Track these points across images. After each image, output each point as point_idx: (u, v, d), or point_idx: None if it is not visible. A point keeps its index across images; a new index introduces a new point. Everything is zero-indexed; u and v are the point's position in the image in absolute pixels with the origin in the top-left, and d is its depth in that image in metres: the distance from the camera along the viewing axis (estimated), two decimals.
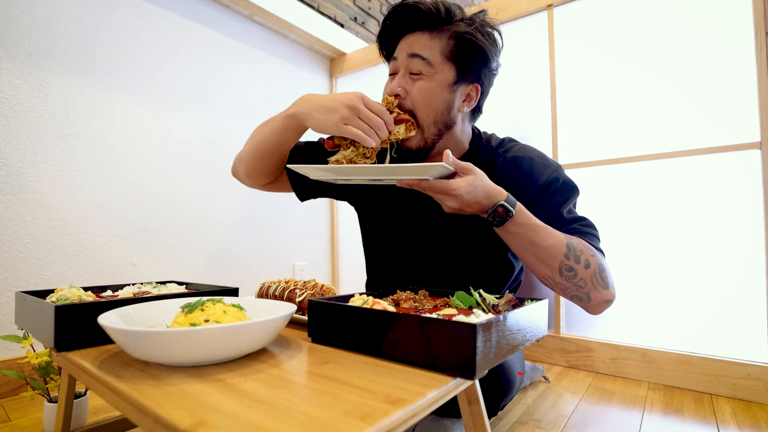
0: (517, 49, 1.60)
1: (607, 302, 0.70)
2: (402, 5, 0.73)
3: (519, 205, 0.65)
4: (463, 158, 0.82)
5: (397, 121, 0.68)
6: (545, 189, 0.76)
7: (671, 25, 1.30)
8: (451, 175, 0.59)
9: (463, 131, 0.82)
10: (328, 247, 2.18)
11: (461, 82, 0.75)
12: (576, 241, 0.68)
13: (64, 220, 1.25)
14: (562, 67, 1.49)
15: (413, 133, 0.71)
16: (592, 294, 0.68)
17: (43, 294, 0.61)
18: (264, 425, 0.29)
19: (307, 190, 0.94)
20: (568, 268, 0.66)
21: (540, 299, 0.54)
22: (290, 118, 0.73)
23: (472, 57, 0.73)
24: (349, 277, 2.16)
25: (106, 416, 0.85)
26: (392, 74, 0.77)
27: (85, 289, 0.65)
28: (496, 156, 0.82)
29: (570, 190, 0.77)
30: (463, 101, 0.78)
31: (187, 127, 1.58)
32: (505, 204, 0.63)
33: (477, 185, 0.60)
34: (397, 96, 0.73)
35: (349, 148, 0.68)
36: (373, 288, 0.90)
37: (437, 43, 0.71)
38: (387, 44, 0.80)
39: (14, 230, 1.16)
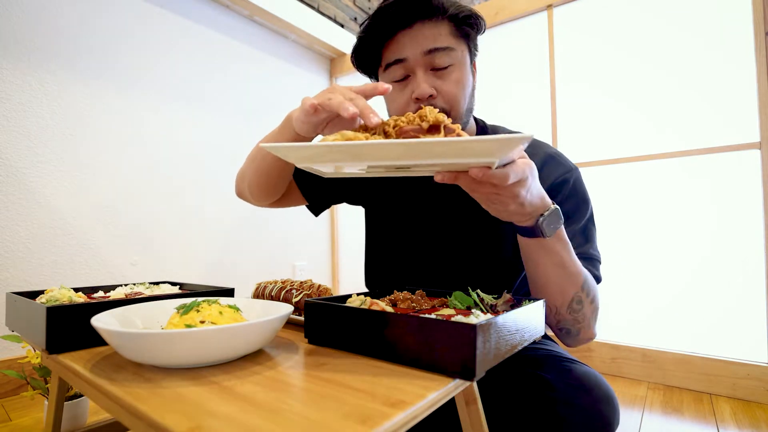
0: (517, 49, 1.60)
1: (589, 341, 0.67)
2: (400, 2, 0.64)
3: None
4: None
5: (449, 130, 0.48)
6: (552, 191, 0.68)
7: (671, 25, 1.30)
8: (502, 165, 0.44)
9: (471, 114, 0.75)
10: (328, 247, 2.18)
11: (472, 58, 0.70)
12: (587, 271, 0.62)
13: (64, 220, 1.24)
14: (561, 67, 1.49)
15: None
16: (583, 332, 0.64)
17: (33, 295, 0.60)
18: (261, 429, 0.28)
19: (321, 200, 0.87)
20: (578, 300, 0.60)
21: (537, 299, 0.54)
22: (284, 124, 0.65)
23: (474, 26, 0.68)
24: (349, 277, 2.15)
25: (107, 416, 0.84)
26: (399, 80, 0.67)
27: (76, 290, 0.64)
28: None
29: (582, 202, 0.69)
30: (474, 78, 0.72)
31: (187, 126, 1.57)
32: (558, 208, 0.54)
33: (535, 176, 0.48)
34: (429, 97, 0.64)
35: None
36: (373, 286, 0.88)
37: (444, 28, 0.66)
38: (371, 50, 0.70)
39: (14, 230, 1.15)
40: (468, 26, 0.67)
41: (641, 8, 1.35)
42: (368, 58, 0.71)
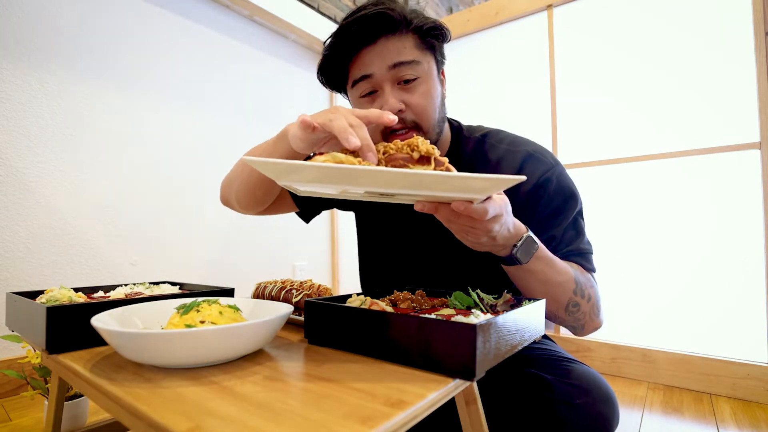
0: (517, 49, 1.60)
1: (596, 329, 0.68)
2: (361, 19, 0.63)
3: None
4: (447, 154, 0.73)
5: (439, 163, 0.47)
6: (535, 192, 0.67)
7: (671, 25, 1.30)
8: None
9: (445, 122, 0.74)
10: (328, 248, 2.18)
11: (439, 67, 0.70)
12: (579, 273, 0.63)
13: (64, 220, 1.24)
14: (561, 67, 1.49)
15: None
16: (587, 325, 0.65)
17: (33, 295, 0.60)
18: (261, 429, 0.28)
19: (311, 208, 0.88)
20: (574, 304, 0.62)
21: (537, 299, 0.54)
22: (279, 138, 0.62)
23: (439, 37, 0.67)
24: (349, 277, 2.15)
25: (107, 416, 0.84)
26: (366, 95, 0.67)
27: (76, 290, 0.64)
28: (482, 148, 0.72)
29: (569, 197, 0.68)
30: (443, 87, 0.72)
31: (187, 126, 1.57)
32: (531, 235, 0.55)
33: (509, 212, 0.50)
34: (398, 111, 0.64)
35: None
36: (368, 290, 0.88)
37: (408, 41, 0.65)
38: (337, 67, 0.69)
39: (14, 230, 1.15)
40: (433, 37, 0.66)
41: (641, 8, 1.35)
42: (335, 75, 0.71)
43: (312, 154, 0.61)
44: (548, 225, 0.67)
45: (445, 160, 0.46)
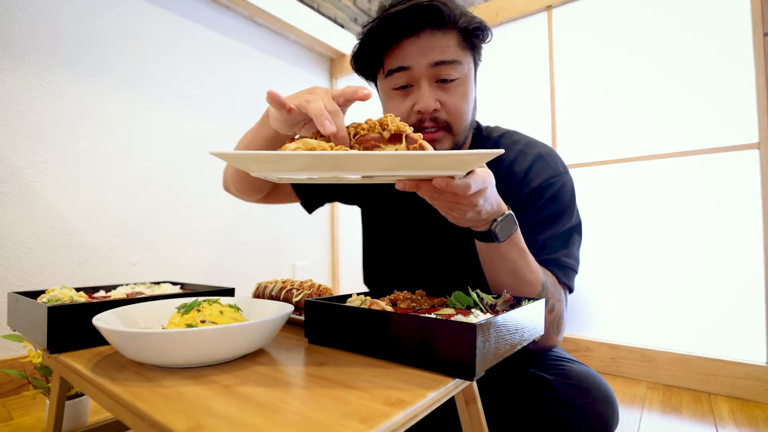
0: (516, 50, 1.60)
1: (551, 348, 0.67)
2: (413, 9, 0.60)
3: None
4: None
5: (411, 140, 0.46)
6: (535, 194, 0.66)
7: (670, 26, 1.30)
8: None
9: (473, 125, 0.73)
10: (328, 247, 2.18)
11: (476, 69, 0.68)
12: (550, 280, 0.62)
13: (64, 220, 1.24)
14: (561, 67, 1.49)
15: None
16: (544, 337, 0.62)
17: (34, 295, 0.60)
18: (262, 428, 0.28)
19: (313, 199, 0.87)
20: None
21: (537, 299, 0.54)
22: (262, 121, 0.61)
23: (483, 39, 0.65)
24: (349, 277, 2.16)
25: (108, 415, 0.84)
26: (399, 87, 0.65)
27: (77, 289, 0.64)
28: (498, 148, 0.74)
29: (565, 209, 0.67)
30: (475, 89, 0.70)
31: (187, 126, 1.57)
32: (512, 214, 0.54)
33: (493, 185, 0.50)
34: (433, 111, 0.63)
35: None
36: (371, 284, 0.88)
37: (452, 39, 0.62)
38: (373, 54, 0.67)
39: (15, 230, 1.15)
40: (475, 37, 0.64)
41: (640, 9, 1.35)
42: (369, 62, 0.68)
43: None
44: (536, 229, 0.66)
45: (418, 136, 0.45)
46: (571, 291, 0.67)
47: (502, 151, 0.38)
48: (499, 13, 1.61)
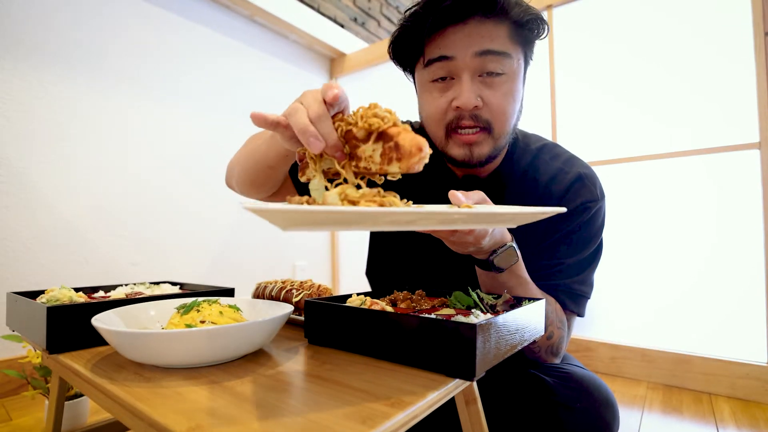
0: None
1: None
2: None
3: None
4: (501, 165, 0.69)
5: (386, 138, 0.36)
6: (568, 216, 0.63)
7: (670, 26, 1.30)
8: None
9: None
10: (328, 247, 2.18)
11: (527, 67, 0.63)
12: (551, 308, 0.60)
13: (65, 220, 1.24)
14: (561, 67, 1.49)
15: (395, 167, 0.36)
16: (541, 359, 0.63)
17: (33, 295, 0.60)
18: (261, 429, 0.28)
19: None
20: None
21: (537, 299, 0.54)
22: (274, 134, 0.52)
23: (538, 34, 0.59)
24: (349, 277, 2.15)
25: (107, 416, 0.84)
26: (438, 79, 0.59)
27: (77, 289, 0.64)
28: (536, 163, 0.67)
29: (592, 237, 0.64)
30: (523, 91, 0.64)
31: (187, 126, 1.57)
32: (514, 246, 0.53)
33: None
34: (474, 108, 0.57)
35: (318, 163, 0.41)
36: (374, 279, 0.87)
37: (503, 30, 0.56)
38: (414, 40, 0.60)
39: (15, 230, 1.15)
40: (529, 30, 0.58)
41: (641, 9, 1.35)
42: (408, 49, 0.62)
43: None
44: (561, 252, 0.64)
45: (396, 132, 0.35)
46: (580, 316, 0.66)
47: (563, 209, 0.37)
48: None
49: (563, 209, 0.36)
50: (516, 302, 0.54)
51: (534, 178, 0.66)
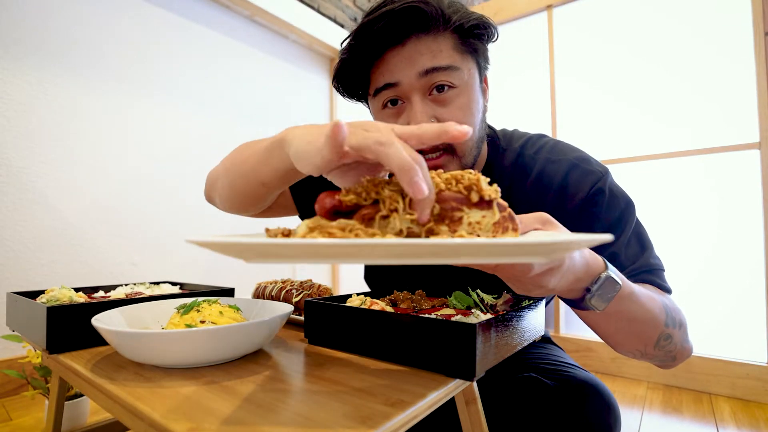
0: (517, 49, 1.60)
1: (688, 357, 0.60)
2: (387, 14, 0.51)
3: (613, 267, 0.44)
4: (483, 172, 0.63)
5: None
6: (586, 208, 0.58)
7: (671, 26, 1.30)
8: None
9: (484, 138, 0.62)
10: None
11: (482, 74, 0.59)
12: (666, 299, 0.54)
13: (64, 220, 1.24)
14: (561, 67, 1.49)
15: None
16: (679, 354, 0.56)
17: (33, 295, 0.60)
18: (262, 429, 0.28)
19: (313, 212, 0.83)
20: (666, 336, 0.51)
21: (537, 299, 0.54)
22: (276, 143, 0.45)
23: (483, 37, 0.56)
24: (349, 277, 2.15)
25: (107, 416, 0.84)
26: (390, 104, 0.56)
27: (77, 289, 0.64)
28: (521, 161, 0.62)
29: (625, 205, 0.58)
30: (485, 98, 0.61)
31: (187, 126, 1.57)
32: (612, 274, 0.42)
33: (573, 258, 0.38)
34: None
35: (366, 200, 0.32)
36: (372, 282, 0.87)
37: (445, 42, 0.53)
38: (357, 72, 0.57)
39: (15, 230, 1.15)
40: (476, 38, 0.55)
41: (641, 9, 1.35)
42: (354, 81, 0.59)
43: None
44: (609, 245, 0.57)
45: (506, 204, 0.33)
46: (669, 292, 0.60)
47: (610, 237, 0.26)
48: (499, 12, 1.61)
49: (609, 237, 0.26)
50: (516, 302, 0.54)
51: (522, 177, 0.62)
